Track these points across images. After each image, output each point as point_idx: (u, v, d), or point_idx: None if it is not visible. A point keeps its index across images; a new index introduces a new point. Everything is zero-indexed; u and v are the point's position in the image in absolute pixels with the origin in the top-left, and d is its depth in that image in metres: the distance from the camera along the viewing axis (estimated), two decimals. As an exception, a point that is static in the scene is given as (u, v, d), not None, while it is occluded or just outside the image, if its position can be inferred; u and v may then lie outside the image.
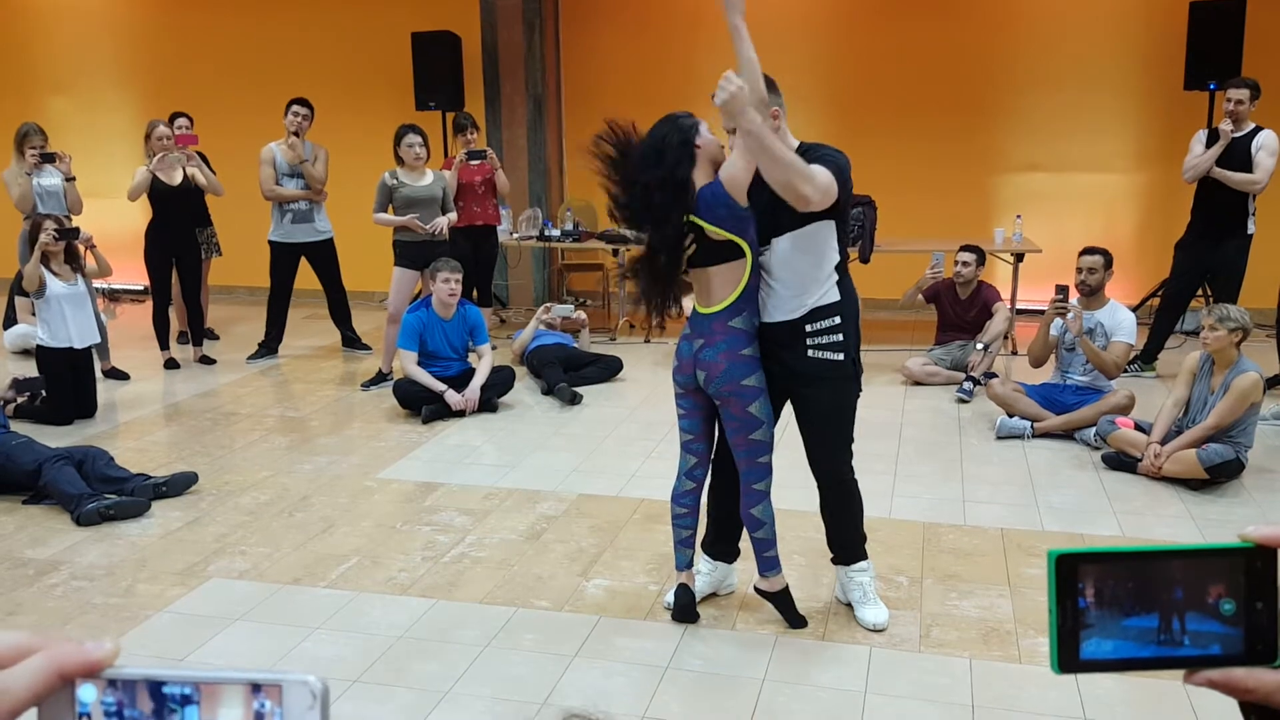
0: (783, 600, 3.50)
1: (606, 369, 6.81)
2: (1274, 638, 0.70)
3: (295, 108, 7.24)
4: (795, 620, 3.49)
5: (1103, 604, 0.70)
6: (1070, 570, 0.70)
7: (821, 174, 3.02)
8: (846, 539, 3.55)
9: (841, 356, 3.26)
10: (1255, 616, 0.70)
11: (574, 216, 8.50)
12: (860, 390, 3.40)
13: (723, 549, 3.68)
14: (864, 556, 3.56)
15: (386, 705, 3.08)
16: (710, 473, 3.61)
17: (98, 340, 6.25)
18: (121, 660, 0.57)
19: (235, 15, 9.67)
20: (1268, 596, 0.70)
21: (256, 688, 0.56)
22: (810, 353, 3.25)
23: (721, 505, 3.62)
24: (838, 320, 3.26)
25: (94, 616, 3.64)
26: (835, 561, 3.59)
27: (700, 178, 3.24)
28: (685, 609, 3.52)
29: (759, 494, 3.41)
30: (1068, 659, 0.70)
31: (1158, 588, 0.70)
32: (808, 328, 3.24)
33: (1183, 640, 0.70)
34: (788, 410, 3.47)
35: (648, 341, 7.94)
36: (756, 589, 3.54)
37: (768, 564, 3.47)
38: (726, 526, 3.64)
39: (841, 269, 3.31)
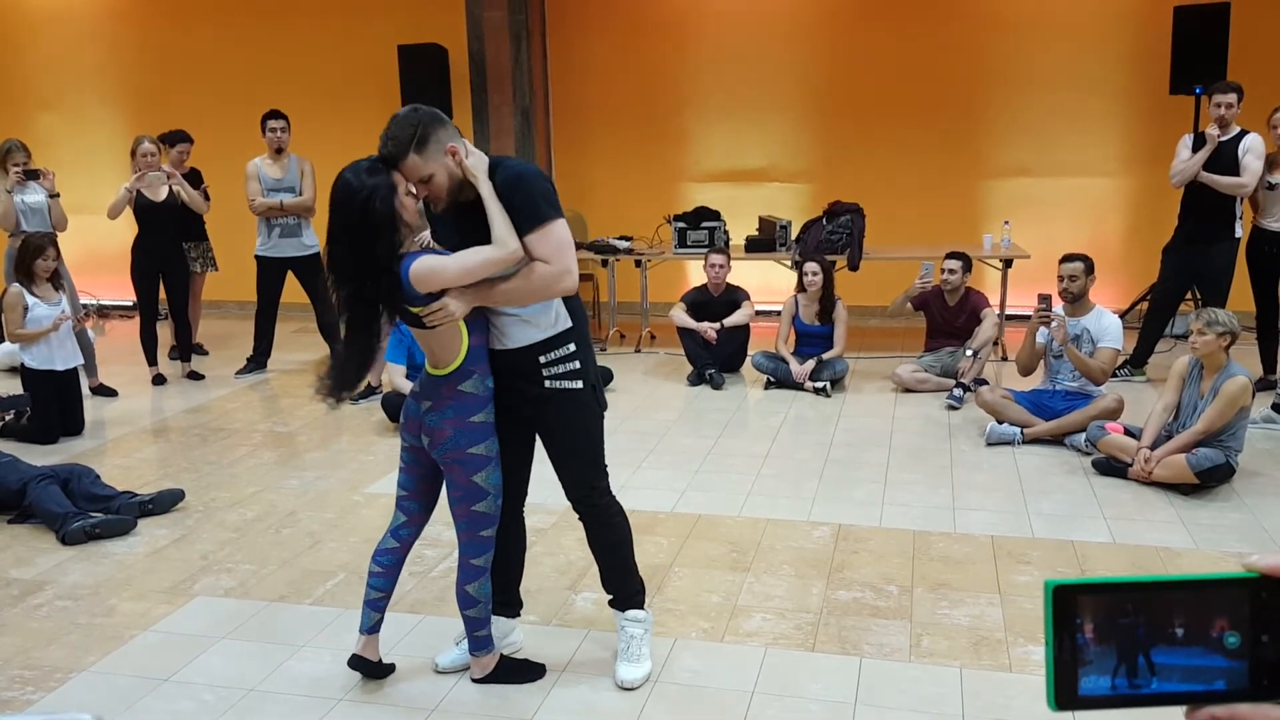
0: (504, 671, 3.26)
1: (596, 380, 6.76)
2: None
3: (271, 123, 7.16)
4: (529, 675, 3.28)
5: (1102, 638, 0.67)
6: (1068, 602, 0.67)
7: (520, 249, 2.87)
8: (618, 579, 3.31)
9: (580, 385, 3.10)
10: (1261, 650, 0.67)
11: (563, 227, 8.48)
12: (602, 412, 3.21)
13: (501, 599, 3.41)
14: (640, 605, 3.33)
15: (372, 723, 3.05)
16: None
17: (80, 361, 6.20)
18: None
19: (222, 30, 9.66)
20: (1275, 629, 0.67)
21: None
22: (548, 383, 3.07)
23: (500, 555, 3.30)
24: (572, 348, 3.08)
25: (78, 636, 3.61)
26: (610, 605, 3.38)
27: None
28: (370, 672, 3.27)
29: (477, 570, 3.14)
30: (1065, 695, 0.67)
31: (1159, 620, 0.67)
32: (542, 358, 3.05)
33: (1185, 675, 0.67)
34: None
35: (638, 351, 7.92)
36: (473, 679, 3.26)
37: (479, 644, 3.24)
38: (502, 578, 3.37)
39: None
